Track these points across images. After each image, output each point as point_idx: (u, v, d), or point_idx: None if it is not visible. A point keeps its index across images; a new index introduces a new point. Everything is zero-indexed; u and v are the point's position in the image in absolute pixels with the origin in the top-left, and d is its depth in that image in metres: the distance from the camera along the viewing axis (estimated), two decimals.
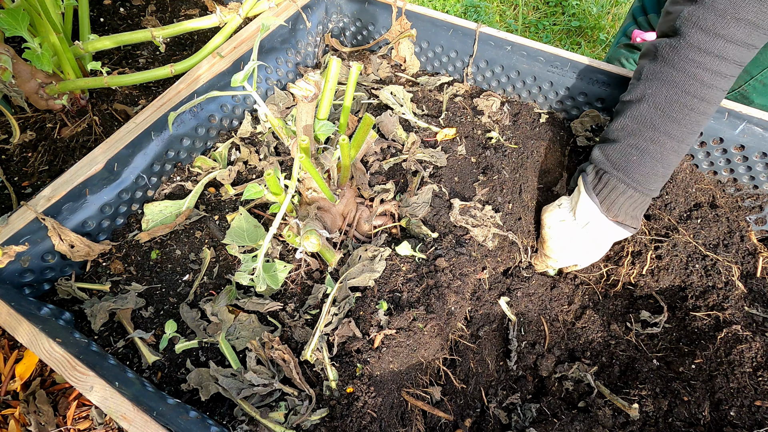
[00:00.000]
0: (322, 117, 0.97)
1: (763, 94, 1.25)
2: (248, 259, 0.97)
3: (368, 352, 0.90)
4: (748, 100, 1.28)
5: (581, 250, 1.08)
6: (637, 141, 0.97)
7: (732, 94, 1.29)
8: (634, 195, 0.99)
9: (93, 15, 1.77)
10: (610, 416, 0.93)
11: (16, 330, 0.85)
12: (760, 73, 1.19)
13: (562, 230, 1.08)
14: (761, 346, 0.93)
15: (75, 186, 1.05)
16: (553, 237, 1.10)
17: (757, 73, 1.20)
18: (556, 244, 1.10)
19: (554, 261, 1.12)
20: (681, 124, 0.94)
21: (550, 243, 1.11)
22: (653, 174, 0.97)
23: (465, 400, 0.99)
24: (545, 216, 1.13)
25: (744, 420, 0.88)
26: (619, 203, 1.00)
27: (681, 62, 0.92)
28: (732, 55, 0.88)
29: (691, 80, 0.91)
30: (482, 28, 1.34)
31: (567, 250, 1.09)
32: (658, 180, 0.98)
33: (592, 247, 1.07)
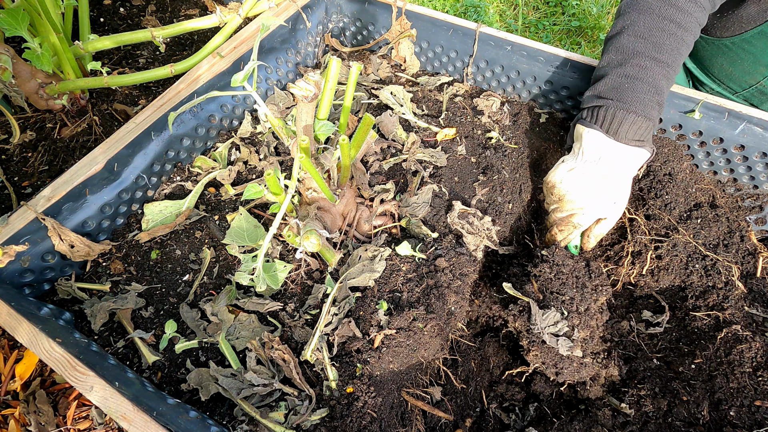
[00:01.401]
0: (322, 117, 0.97)
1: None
2: (248, 259, 0.97)
3: (368, 352, 0.90)
4: (765, 96, 1.27)
5: (603, 190, 0.99)
6: (625, 69, 0.97)
7: (749, 90, 1.28)
8: (635, 120, 0.95)
9: (93, 15, 1.77)
10: (609, 416, 0.93)
11: (16, 330, 0.86)
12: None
13: (576, 176, 1.01)
14: (761, 346, 0.93)
15: (75, 186, 1.05)
16: (569, 187, 1.02)
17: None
18: (575, 193, 1.01)
19: (578, 215, 1.03)
20: (664, 49, 0.95)
21: (567, 196, 1.03)
22: (648, 100, 0.95)
23: (465, 400, 0.99)
24: (552, 176, 1.07)
25: (744, 420, 0.88)
26: (623, 130, 0.96)
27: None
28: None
29: (667, 6, 0.94)
30: (482, 28, 1.34)
31: (588, 195, 1.00)
32: (654, 106, 0.96)
33: (614, 183, 0.99)
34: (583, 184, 1.01)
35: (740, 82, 1.28)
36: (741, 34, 1.18)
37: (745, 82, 1.27)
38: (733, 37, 1.20)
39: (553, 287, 0.98)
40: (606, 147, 0.98)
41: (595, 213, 1.03)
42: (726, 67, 1.27)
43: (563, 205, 1.06)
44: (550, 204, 1.10)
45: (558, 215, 1.08)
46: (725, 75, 1.30)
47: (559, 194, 1.06)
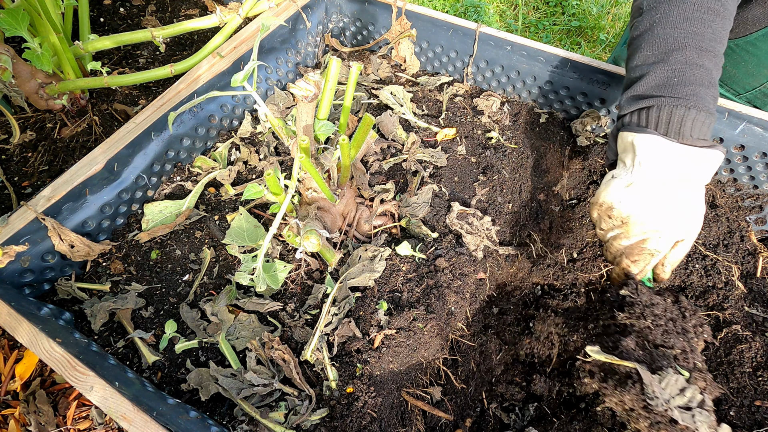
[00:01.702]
0: (322, 117, 0.97)
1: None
2: (248, 259, 0.97)
3: (368, 352, 0.90)
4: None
5: (677, 206, 0.82)
6: (670, 64, 0.83)
7: (752, 93, 1.25)
8: (698, 116, 0.80)
9: (93, 15, 1.77)
10: (609, 416, 0.93)
11: (16, 330, 0.86)
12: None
13: (639, 192, 0.84)
14: (761, 346, 0.93)
15: (75, 186, 1.05)
16: (634, 207, 0.85)
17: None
18: (644, 214, 0.84)
19: (652, 239, 0.86)
20: (706, 37, 0.83)
21: (634, 218, 0.85)
22: (704, 93, 0.82)
23: (465, 400, 0.99)
24: (605, 195, 0.89)
25: (744, 420, 0.88)
26: (687, 128, 0.80)
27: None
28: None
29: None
30: (482, 28, 1.34)
31: (661, 214, 0.83)
32: (711, 99, 0.82)
33: (689, 195, 0.83)
34: (651, 201, 0.83)
35: (743, 84, 1.27)
36: (745, 36, 1.17)
37: (749, 84, 1.26)
38: (737, 39, 1.19)
39: (655, 338, 0.74)
40: (671, 152, 0.81)
41: (673, 234, 0.86)
42: (729, 69, 1.26)
43: (630, 230, 0.88)
44: (608, 230, 0.92)
45: (623, 243, 0.90)
46: (728, 77, 1.29)
47: (621, 216, 0.88)
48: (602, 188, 0.92)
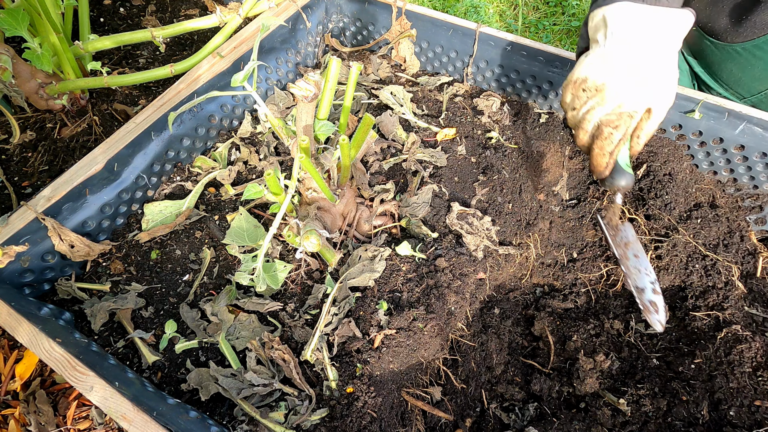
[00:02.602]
0: (322, 117, 0.97)
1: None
2: (248, 259, 0.97)
3: (368, 352, 0.90)
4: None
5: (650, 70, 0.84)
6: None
7: (758, 96, 1.25)
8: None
9: (93, 15, 1.77)
10: (609, 416, 0.93)
11: (16, 330, 0.86)
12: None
13: (612, 59, 0.85)
14: (761, 346, 0.93)
15: (75, 186, 1.05)
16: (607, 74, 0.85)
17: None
18: (616, 78, 0.85)
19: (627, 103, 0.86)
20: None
21: (608, 84, 0.85)
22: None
23: (465, 400, 0.99)
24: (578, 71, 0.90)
25: (744, 420, 0.88)
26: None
27: None
28: None
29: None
30: (482, 28, 1.34)
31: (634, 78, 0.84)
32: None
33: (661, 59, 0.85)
34: (625, 65, 0.84)
35: (749, 87, 1.27)
36: (753, 39, 1.17)
37: (755, 88, 1.26)
38: (745, 42, 1.19)
39: None
40: (642, 16, 0.82)
41: (648, 95, 0.86)
42: (735, 73, 1.26)
43: (605, 96, 0.87)
44: (582, 104, 0.91)
45: (599, 111, 0.90)
46: (734, 81, 1.29)
47: (595, 85, 0.87)
48: (575, 68, 0.92)
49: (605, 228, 1.06)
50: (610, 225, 1.05)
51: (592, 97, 0.89)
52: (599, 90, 0.88)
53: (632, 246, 1.03)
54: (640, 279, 1.00)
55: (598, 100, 0.89)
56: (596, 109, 0.90)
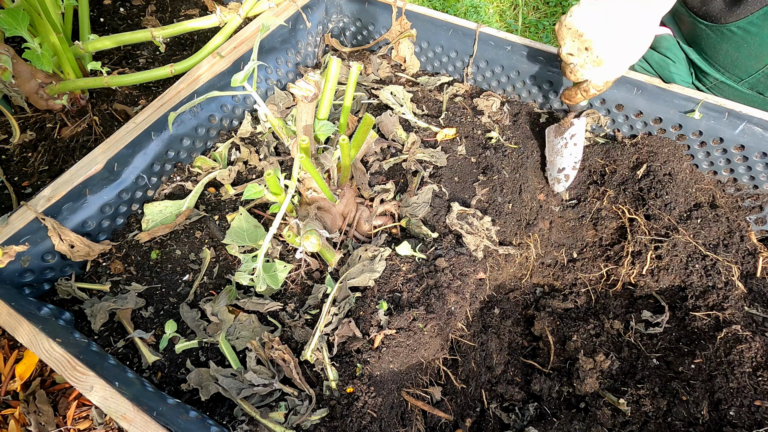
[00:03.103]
0: (322, 117, 0.97)
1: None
2: (248, 259, 0.97)
3: (368, 352, 0.90)
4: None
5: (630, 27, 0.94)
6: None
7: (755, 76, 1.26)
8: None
9: (93, 15, 1.77)
10: (609, 416, 0.93)
11: (16, 330, 0.86)
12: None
13: (602, 8, 0.94)
14: (761, 346, 0.93)
15: (75, 186, 1.05)
16: (590, 21, 0.96)
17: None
18: (597, 30, 0.95)
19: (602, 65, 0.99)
20: None
21: (588, 33, 0.96)
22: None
23: (465, 400, 0.99)
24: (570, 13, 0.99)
25: (744, 420, 0.88)
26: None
27: None
28: None
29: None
30: (482, 28, 1.34)
31: (612, 35, 0.95)
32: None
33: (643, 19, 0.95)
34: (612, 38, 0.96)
35: (746, 67, 1.27)
36: (747, 16, 1.19)
37: (752, 67, 1.26)
38: (739, 20, 1.20)
39: None
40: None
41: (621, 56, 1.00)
42: (731, 53, 1.27)
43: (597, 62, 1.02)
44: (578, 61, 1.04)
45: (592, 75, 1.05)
46: (730, 62, 1.29)
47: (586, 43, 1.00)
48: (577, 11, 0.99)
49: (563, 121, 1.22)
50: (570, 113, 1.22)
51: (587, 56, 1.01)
52: (591, 50, 0.99)
53: (576, 137, 1.20)
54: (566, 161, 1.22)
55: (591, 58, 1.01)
56: (588, 68, 1.03)
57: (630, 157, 1.23)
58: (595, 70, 1.02)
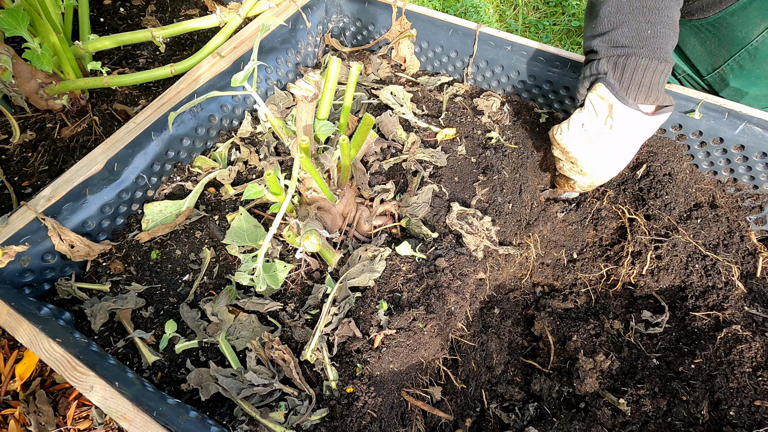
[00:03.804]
0: (322, 117, 0.97)
1: (739, 77, 1.23)
2: (248, 259, 0.97)
3: (368, 352, 0.90)
4: (724, 83, 1.27)
5: (615, 154, 1.01)
6: (645, 15, 0.93)
7: (712, 75, 1.28)
8: (660, 67, 0.93)
9: (93, 15, 1.77)
10: (609, 416, 0.93)
11: (16, 330, 0.86)
12: (737, 54, 1.19)
13: (589, 136, 1.01)
14: (761, 346, 0.93)
15: (75, 186, 1.05)
16: (578, 145, 1.03)
17: (735, 52, 1.19)
18: (583, 153, 1.03)
19: (586, 176, 1.07)
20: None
21: (575, 152, 1.04)
22: (670, 41, 0.94)
23: (465, 400, 0.99)
24: (560, 130, 1.05)
25: (744, 420, 0.88)
26: (648, 80, 0.94)
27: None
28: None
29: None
30: (482, 28, 1.34)
31: (597, 157, 1.02)
32: (671, 46, 0.95)
33: (628, 149, 1.01)
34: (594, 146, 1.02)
35: (706, 65, 1.29)
36: (705, 18, 1.21)
37: (711, 66, 1.28)
38: (701, 19, 1.22)
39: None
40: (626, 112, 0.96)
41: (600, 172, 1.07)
42: (698, 48, 1.29)
43: (571, 164, 1.09)
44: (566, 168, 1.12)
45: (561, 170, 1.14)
46: (696, 56, 1.31)
47: (566, 149, 1.06)
48: (566, 121, 1.04)
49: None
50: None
51: (563, 158, 1.10)
52: (567, 153, 1.07)
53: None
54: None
55: (564, 162, 1.11)
56: (574, 174, 1.12)
57: None
58: (580, 177, 1.11)
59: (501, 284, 1.18)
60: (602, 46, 0.97)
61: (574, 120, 1.03)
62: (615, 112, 0.96)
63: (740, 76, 1.23)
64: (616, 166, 1.05)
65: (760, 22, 1.11)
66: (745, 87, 1.25)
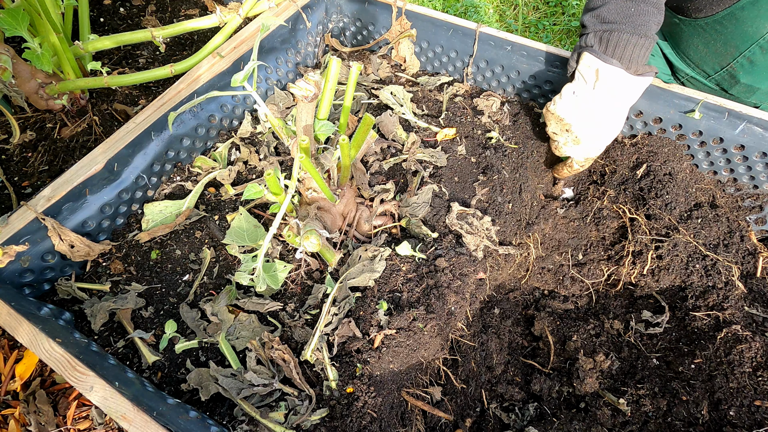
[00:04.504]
0: (322, 117, 0.97)
1: (750, 72, 1.24)
2: (248, 259, 0.97)
3: (368, 352, 0.90)
4: (734, 80, 1.27)
5: (605, 117, 1.07)
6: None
7: (720, 74, 1.29)
8: (641, 42, 1.00)
9: (93, 15, 1.77)
10: (609, 416, 0.93)
11: (16, 330, 0.86)
12: (748, 50, 1.19)
13: (580, 101, 1.08)
14: (761, 346, 0.93)
15: (75, 186, 1.05)
16: (571, 110, 1.10)
17: (745, 48, 1.19)
18: (577, 118, 1.09)
19: (580, 144, 1.12)
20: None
21: (568, 118, 1.10)
22: (653, 19, 1.00)
23: (465, 400, 0.99)
24: (554, 101, 1.13)
25: (743, 420, 0.88)
26: (628, 54, 1.01)
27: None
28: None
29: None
30: (482, 28, 1.34)
31: (589, 121, 1.08)
32: (656, 23, 1.02)
33: (616, 111, 1.07)
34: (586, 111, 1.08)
35: (713, 64, 1.28)
36: (713, 15, 1.20)
37: (718, 64, 1.27)
38: (707, 17, 1.21)
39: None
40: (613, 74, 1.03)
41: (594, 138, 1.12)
42: (701, 49, 1.29)
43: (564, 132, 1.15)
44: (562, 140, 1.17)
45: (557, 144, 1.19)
46: (700, 57, 1.31)
47: (560, 118, 1.13)
48: (560, 93, 1.12)
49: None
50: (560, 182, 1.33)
51: (568, 137, 1.14)
52: (571, 132, 1.12)
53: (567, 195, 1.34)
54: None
55: (572, 139, 1.14)
56: (569, 147, 1.16)
57: (630, 157, 1.23)
58: (575, 148, 1.15)
59: (501, 284, 1.18)
60: (591, 21, 1.04)
61: (566, 89, 1.10)
62: (600, 74, 1.03)
63: (751, 72, 1.23)
64: (607, 130, 1.10)
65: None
66: (757, 82, 1.25)
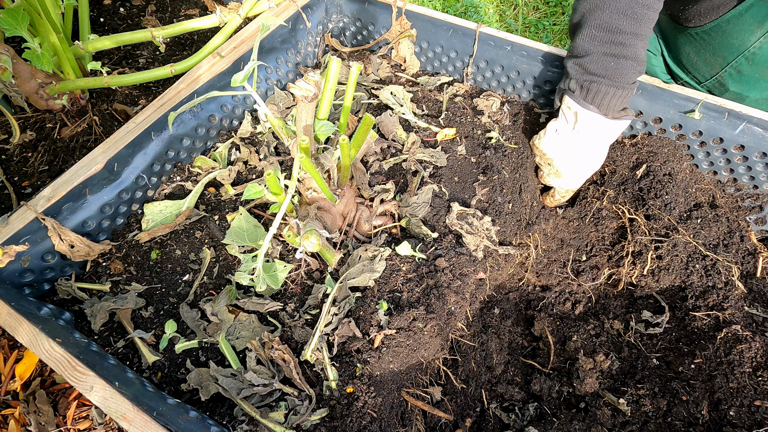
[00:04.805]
0: (322, 117, 0.97)
1: (739, 81, 1.25)
2: (248, 259, 0.97)
3: (368, 352, 0.90)
4: (724, 88, 1.29)
5: (583, 156, 1.13)
6: (611, 48, 1.04)
7: (710, 81, 1.30)
8: (618, 93, 1.06)
9: (93, 15, 1.77)
10: (609, 416, 0.93)
11: (16, 330, 0.86)
12: (735, 60, 1.20)
13: (561, 139, 1.14)
14: (761, 346, 0.93)
15: (75, 186, 1.05)
16: (553, 147, 1.16)
17: (732, 59, 1.21)
18: (558, 154, 1.16)
19: (561, 177, 1.18)
20: (642, 23, 1.03)
21: (550, 154, 1.17)
22: (632, 72, 1.06)
23: (465, 400, 0.99)
24: (539, 136, 1.19)
25: (743, 420, 0.88)
26: (606, 103, 1.07)
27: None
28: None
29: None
30: (482, 28, 1.34)
31: (569, 158, 1.15)
32: (635, 74, 1.07)
33: (594, 151, 1.13)
34: (566, 149, 1.15)
35: (703, 72, 1.30)
36: (702, 26, 1.22)
37: (708, 72, 1.29)
38: (696, 28, 1.22)
39: None
40: (593, 120, 1.09)
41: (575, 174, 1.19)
42: (693, 57, 1.30)
43: (548, 167, 1.21)
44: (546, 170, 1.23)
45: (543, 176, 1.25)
46: (691, 64, 1.32)
47: (544, 153, 1.19)
48: (543, 130, 1.19)
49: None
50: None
51: (543, 164, 1.22)
52: (544, 156, 1.20)
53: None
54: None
55: (544, 167, 1.23)
56: (552, 178, 1.22)
57: (630, 157, 1.23)
58: (557, 180, 1.21)
59: (501, 284, 1.18)
60: (574, 69, 1.10)
61: (550, 127, 1.17)
62: (579, 117, 1.09)
63: (739, 81, 1.25)
64: (585, 167, 1.16)
65: (756, 29, 1.13)
66: (745, 91, 1.26)
